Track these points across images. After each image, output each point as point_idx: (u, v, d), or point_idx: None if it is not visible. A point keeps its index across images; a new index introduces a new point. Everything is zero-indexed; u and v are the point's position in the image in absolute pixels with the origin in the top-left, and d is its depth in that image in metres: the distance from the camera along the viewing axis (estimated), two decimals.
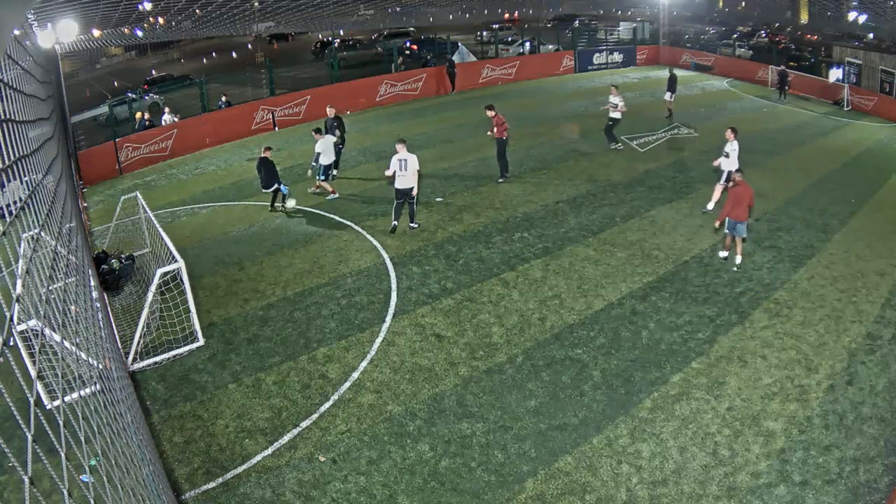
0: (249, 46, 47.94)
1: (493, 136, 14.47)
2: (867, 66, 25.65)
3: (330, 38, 44.59)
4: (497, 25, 48.01)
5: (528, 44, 33.78)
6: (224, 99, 21.60)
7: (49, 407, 6.44)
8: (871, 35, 36.54)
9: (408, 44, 37.49)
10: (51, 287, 3.19)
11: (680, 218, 12.36)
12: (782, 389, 7.30)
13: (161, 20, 30.08)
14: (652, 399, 7.20)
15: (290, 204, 13.13)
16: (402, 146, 11.51)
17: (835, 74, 27.45)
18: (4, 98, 3.20)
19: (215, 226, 12.91)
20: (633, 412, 6.99)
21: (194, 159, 18.57)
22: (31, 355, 6.54)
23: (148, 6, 24.07)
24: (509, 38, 38.00)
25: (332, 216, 12.91)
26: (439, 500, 5.91)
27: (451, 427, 6.86)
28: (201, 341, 8.53)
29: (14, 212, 2.68)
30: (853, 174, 15.54)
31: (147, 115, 20.65)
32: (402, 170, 11.39)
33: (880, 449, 6.38)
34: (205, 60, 44.87)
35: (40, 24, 14.72)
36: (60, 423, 2.09)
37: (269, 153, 13.03)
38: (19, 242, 2.86)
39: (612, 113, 16.52)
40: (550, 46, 33.87)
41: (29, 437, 1.87)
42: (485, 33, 42.90)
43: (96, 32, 27.97)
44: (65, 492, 1.92)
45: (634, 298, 9.41)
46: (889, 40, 33.77)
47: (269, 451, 6.60)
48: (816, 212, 12.71)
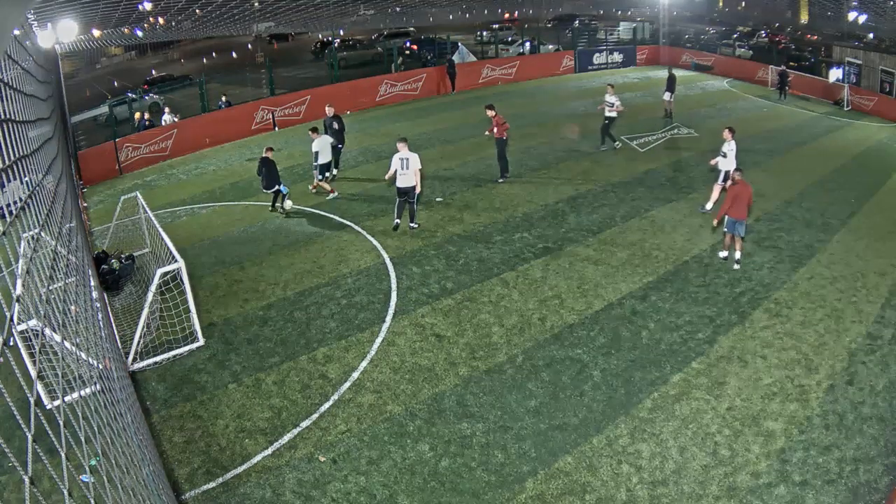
0: (249, 46, 47.90)
1: (493, 136, 14.48)
2: (867, 66, 25.64)
3: (330, 38, 44.55)
4: (497, 25, 47.98)
5: (528, 44, 33.77)
6: (224, 99, 21.61)
7: (49, 407, 6.44)
8: (871, 35, 36.53)
9: (408, 44, 37.46)
10: (51, 287, 3.19)
11: (680, 218, 12.36)
12: (782, 389, 7.31)
13: (161, 20, 30.10)
14: (652, 399, 7.20)
15: (289, 205, 13.13)
16: (404, 145, 11.52)
17: (835, 74, 27.44)
18: (4, 98, 3.20)
19: (215, 226, 12.91)
20: (633, 412, 6.99)
21: (194, 159, 18.57)
22: (31, 355, 6.54)
23: (148, 6, 24.10)
24: (509, 38, 37.98)
25: (332, 216, 12.92)
26: (439, 500, 5.91)
27: (451, 427, 6.86)
28: (201, 341, 8.54)
29: (14, 212, 2.68)
30: (853, 174, 15.54)
31: (147, 115, 20.64)
32: (404, 169, 11.41)
33: (880, 449, 6.38)
34: (205, 60, 44.84)
35: (40, 24, 14.73)
36: (60, 423, 2.09)
37: (270, 153, 13.03)
38: (19, 242, 2.86)
39: (608, 112, 16.53)
40: (550, 46, 33.86)
41: (29, 437, 1.87)
42: (485, 33, 42.85)
43: (96, 32, 27.99)
44: (65, 492, 1.92)
45: (634, 298, 9.41)
46: (889, 40, 33.77)
47: (269, 451, 6.60)
48: (816, 212, 12.71)
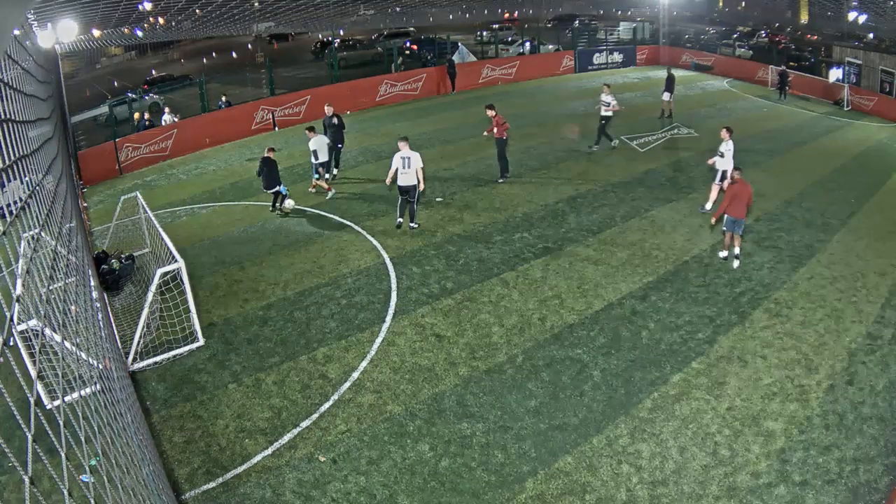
0: (249, 46, 47.90)
1: (494, 136, 14.47)
2: (867, 66, 25.64)
3: (330, 38, 44.54)
4: (497, 25, 47.97)
5: (528, 44, 33.77)
6: (224, 99, 21.60)
7: (49, 407, 6.44)
8: (871, 35, 36.52)
9: (408, 44, 37.46)
10: (51, 287, 3.19)
11: (680, 218, 12.36)
12: (782, 389, 7.31)
13: (161, 20, 30.10)
14: (652, 399, 7.20)
15: (289, 204, 13.13)
16: (405, 144, 11.54)
17: (835, 74, 27.44)
18: (4, 98, 3.20)
19: (215, 226, 12.91)
20: (633, 412, 6.99)
21: (194, 159, 18.57)
22: (31, 355, 6.54)
23: (148, 6, 24.10)
24: (509, 38, 37.97)
25: (332, 216, 12.92)
26: (439, 500, 5.91)
27: (451, 427, 6.86)
28: (201, 341, 8.53)
29: (14, 212, 2.68)
30: (853, 174, 15.54)
31: (147, 115, 20.64)
32: (405, 167, 11.43)
33: (880, 449, 6.38)
34: (205, 60, 44.83)
35: (40, 24, 14.72)
36: (60, 423, 2.09)
37: (272, 154, 13.02)
38: (19, 242, 2.86)
39: (604, 111, 16.53)
40: (550, 46, 33.86)
41: (29, 437, 1.87)
42: (485, 33, 42.85)
43: (96, 32, 27.99)
44: (65, 492, 1.92)
45: (634, 298, 9.41)
46: (889, 40, 33.76)
47: (269, 451, 6.60)
48: (816, 212, 12.71)
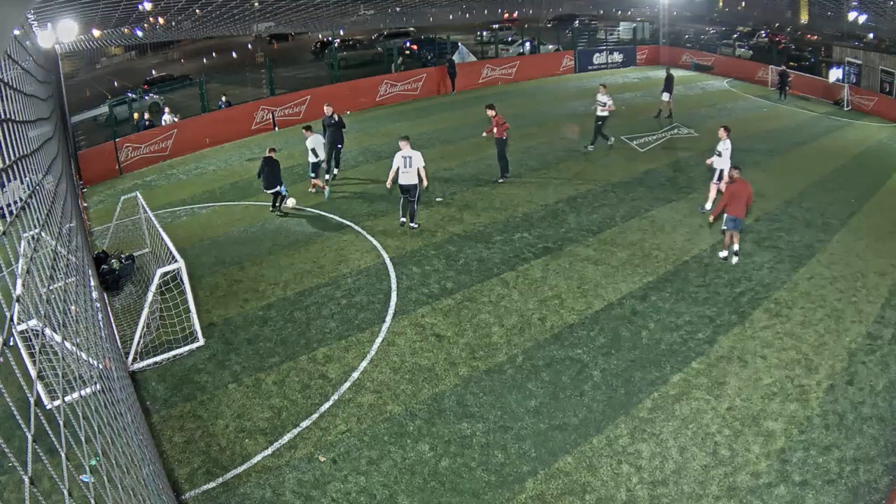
0: (249, 46, 47.89)
1: (494, 136, 14.46)
2: (867, 66, 25.64)
3: (330, 38, 44.53)
4: (497, 25, 47.96)
5: (528, 44, 33.77)
6: (224, 99, 21.60)
7: (49, 407, 6.44)
8: (871, 35, 36.51)
9: (408, 44, 37.46)
10: (51, 287, 3.19)
11: (680, 218, 12.36)
12: (782, 389, 7.31)
13: (161, 20, 30.09)
14: (652, 399, 7.20)
15: (291, 202, 13.12)
16: (406, 143, 11.55)
17: (835, 74, 27.43)
18: (4, 98, 3.20)
19: (215, 226, 12.91)
20: (633, 412, 6.99)
21: (194, 159, 18.57)
22: (31, 355, 6.54)
23: (148, 6, 24.10)
24: (509, 38, 37.97)
25: (333, 216, 12.92)
26: (439, 500, 5.91)
27: (451, 427, 6.86)
28: (201, 341, 8.53)
29: (14, 212, 2.68)
30: (853, 174, 15.53)
31: (147, 115, 20.64)
32: (407, 167, 11.45)
33: (880, 449, 6.38)
34: (205, 60, 44.83)
35: (40, 24, 14.72)
36: (60, 423, 2.09)
37: (273, 154, 13.02)
38: (19, 242, 2.86)
39: (600, 111, 16.53)
40: (550, 46, 33.85)
41: (29, 437, 1.87)
42: (485, 33, 42.84)
43: (96, 32, 27.98)
44: (65, 492, 1.92)
45: (634, 298, 9.41)
46: (889, 40, 33.76)
47: (269, 451, 6.60)
48: (816, 212, 12.71)
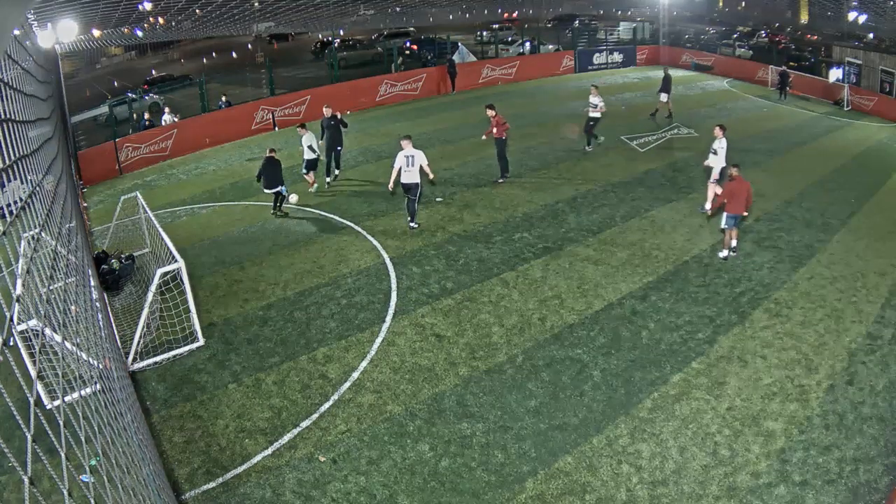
0: (249, 46, 47.89)
1: (493, 137, 14.46)
2: (867, 66, 25.64)
3: (330, 38, 44.53)
4: (497, 25, 47.95)
5: (528, 44, 33.77)
6: (224, 99, 21.61)
7: (49, 407, 6.44)
8: (871, 35, 36.51)
9: (408, 44, 37.46)
10: (51, 287, 3.19)
11: (680, 218, 12.36)
12: (782, 389, 7.31)
13: (161, 20, 30.09)
14: (652, 399, 7.20)
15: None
16: (408, 142, 11.56)
17: (835, 74, 27.43)
18: (4, 98, 3.20)
19: (215, 226, 12.91)
20: (633, 412, 6.99)
21: (194, 159, 18.57)
22: (31, 355, 6.54)
23: (148, 6, 24.09)
24: (509, 38, 37.97)
25: (333, 216, 12.92)
26: (439, 500, 5.91)
27: (451, 427, 6.86)
28: (201, 341, 8.54)
29: (14, 212, 2.68)
30: (853, 174, 15.53)
31: (147, 115, 20.64)
32: (409, 166, 11.46)
33: (880, 449, 6.38)
34: (205, 60, 44.82)
35: (40, 24, 14.72)
36: (60, 423, 2.09)
37: (274, 154, 13.01)
38: (19, 242, 2.86)
39: (592, 113, 16.55)
40: (550, 46, 33.86)
41: (29, 437, 1.87)
42: (485, 33, 42.84)
43: (96, 32, 27.98)
44: (65, 492, 1.92)
45: (634, 298, 9.41)
46: (889, 40, 33.75)
47: (269, 451, 6.60)
48: (816, 212, 12.71)
